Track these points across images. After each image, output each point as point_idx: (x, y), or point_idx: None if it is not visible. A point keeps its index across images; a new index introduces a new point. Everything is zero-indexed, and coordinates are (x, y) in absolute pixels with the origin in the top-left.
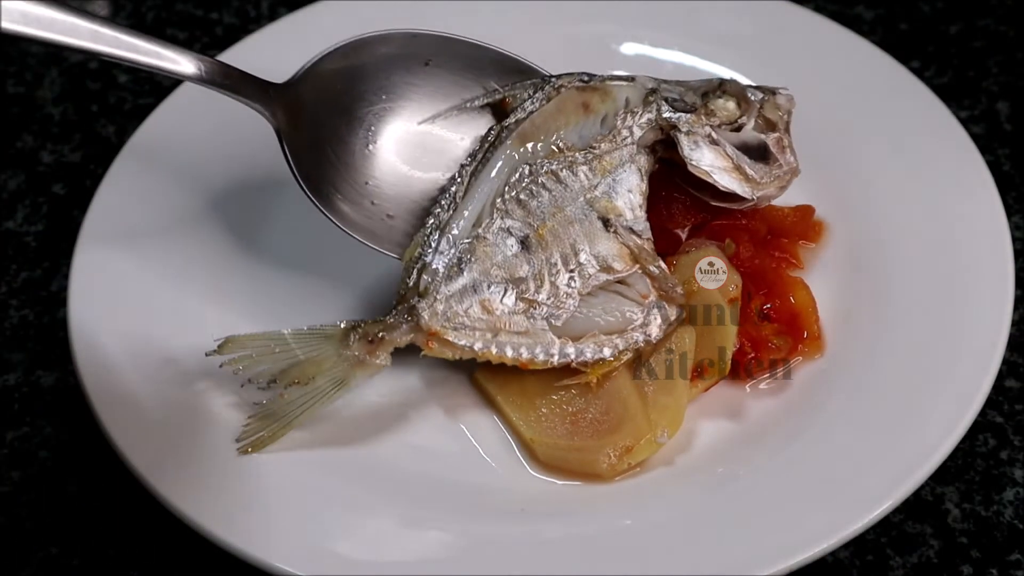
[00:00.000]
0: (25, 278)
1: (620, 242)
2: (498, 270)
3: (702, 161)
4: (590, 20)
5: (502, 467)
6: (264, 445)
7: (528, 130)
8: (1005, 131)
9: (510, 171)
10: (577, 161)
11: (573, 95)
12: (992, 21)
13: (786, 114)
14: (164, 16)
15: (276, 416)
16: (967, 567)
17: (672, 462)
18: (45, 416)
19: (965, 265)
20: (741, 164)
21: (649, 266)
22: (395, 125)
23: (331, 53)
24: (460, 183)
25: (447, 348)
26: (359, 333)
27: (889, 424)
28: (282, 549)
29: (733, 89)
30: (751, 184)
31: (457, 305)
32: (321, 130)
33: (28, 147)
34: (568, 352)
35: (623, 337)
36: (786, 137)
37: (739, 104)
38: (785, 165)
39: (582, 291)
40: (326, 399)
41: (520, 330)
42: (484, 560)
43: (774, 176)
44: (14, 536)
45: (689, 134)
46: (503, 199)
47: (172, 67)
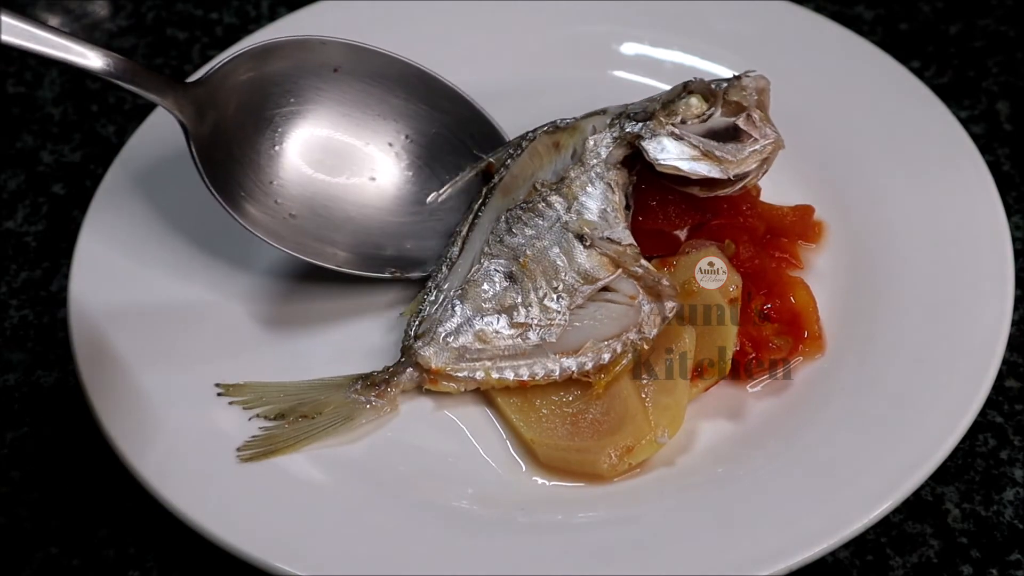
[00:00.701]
0: (25, 278)
1: (599, 253)
2: (489, 304)
3: (668, 158)
4: (590, 20)
5: (502, 468)
6: (265, 458)
7: (508, 182)
8: (1005, 131)
9: (493, 220)
10: (550, 192)
11: (544, 139)
12: (992, 21)
13: (754, 92)
14: (164, 16)
15: (280, 439)
16: (967, 567)
17: (673, 462)
18: (45, 416)
19: (965, 265)
20: (709, 150)
21: (631, 267)
22: (302, 128)
23: (242, 55)
24: (454, 246)
25: (451, 382)
26: (367, 381)
27: (889, 424)
28: (281, 549)
29: (697, 87)
30: (724, 164)
31: (454, 341)
32: (228, 129)
33: (28, 147)
34: (568, 365)
35: (619, 340)
36: (756, 113)
37: (705, 98)
38: (761, 139)
39: (571, 306)
40: (331, 430)
41: (517, 352)
42: (484, 561)
43: (749, 152)
44: (14, 536)
45: (652, 138)
46: (488, 244)
47: (80, 61)
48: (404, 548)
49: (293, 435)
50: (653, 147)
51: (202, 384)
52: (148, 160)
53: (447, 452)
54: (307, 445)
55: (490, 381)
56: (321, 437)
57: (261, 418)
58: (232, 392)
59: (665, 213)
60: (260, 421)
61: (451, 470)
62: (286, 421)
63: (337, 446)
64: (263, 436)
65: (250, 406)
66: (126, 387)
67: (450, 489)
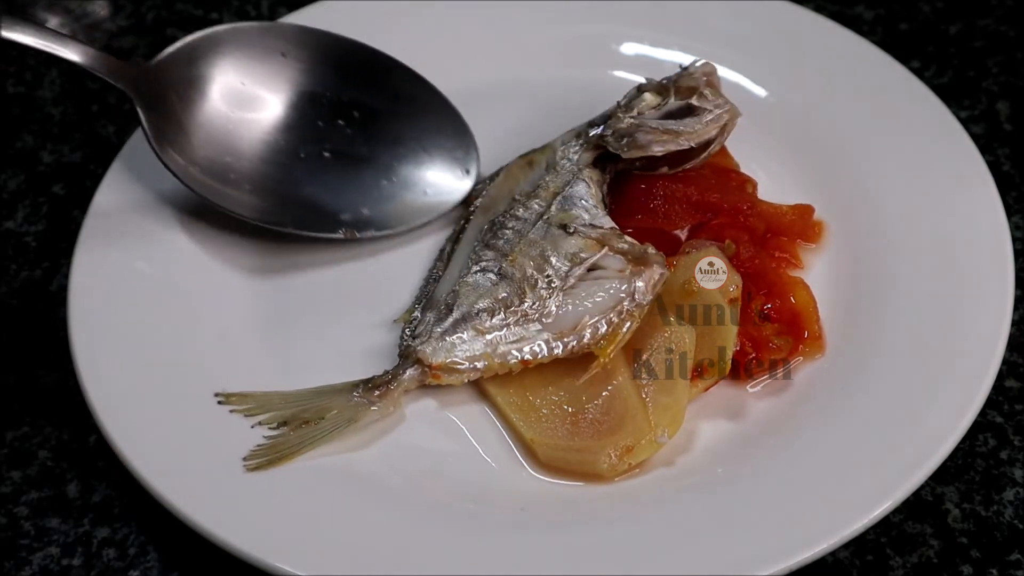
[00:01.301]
0: (25, 278)
1: (583, 237)
2: (483, 301)
3: (632, 144)
4: (590, 20)
5: (502, 467)
6: (272, 466)
7: (487, 204)
8: (1005, 131)
9: (477, 231)
10: (528, 199)
11: (518, 162)
12: (992, 21)
13: (703, 76)
14: (164, 16)
15: (286, 446)
16: (967, 567)
17: (672, 462)
18: (45, 416)
19: (965, 265)
20: (668, 128)
21: (616, 244)
22: (256, 111)
23: (194, 39)
24: (440, 262)
25: (453, 375)
26: (368, 384)
27: (889, 424)
28: (281, 549)
29: (648, 87)
30: (685, 136)
31: (452, 336)
32: (181, 108)
33: (28, 147)
34: (568, 341)
35: (615, 311)
36: (708, 90)
37: (659, 92)
38: (716, 109)
39: (563, 288)
40: (336, 434)
41: (516, 338)
42: (484, 561)
43: (706, 122)
44: (14, 536)
45: (613, 134)
46: (474, 251)
47: (17, 38)
48: (404, 548)
49: (298, 441)
50: (615, 141)
51: (202, 383)
52: (148, 160)
53: (447, 452)
54: (313, 450)
55: (492, 367)
56: (327, 441)
57: (264, 426)
58: (233, 401)
59: (665, 213)
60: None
61: (451, 470)
62: (290, 428)
63: (336, 447)
64: (268, 444)
65: (252, 414)
66: (126, 387)
67: (450, 489)
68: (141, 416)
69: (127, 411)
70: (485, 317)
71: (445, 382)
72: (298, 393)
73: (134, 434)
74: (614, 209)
